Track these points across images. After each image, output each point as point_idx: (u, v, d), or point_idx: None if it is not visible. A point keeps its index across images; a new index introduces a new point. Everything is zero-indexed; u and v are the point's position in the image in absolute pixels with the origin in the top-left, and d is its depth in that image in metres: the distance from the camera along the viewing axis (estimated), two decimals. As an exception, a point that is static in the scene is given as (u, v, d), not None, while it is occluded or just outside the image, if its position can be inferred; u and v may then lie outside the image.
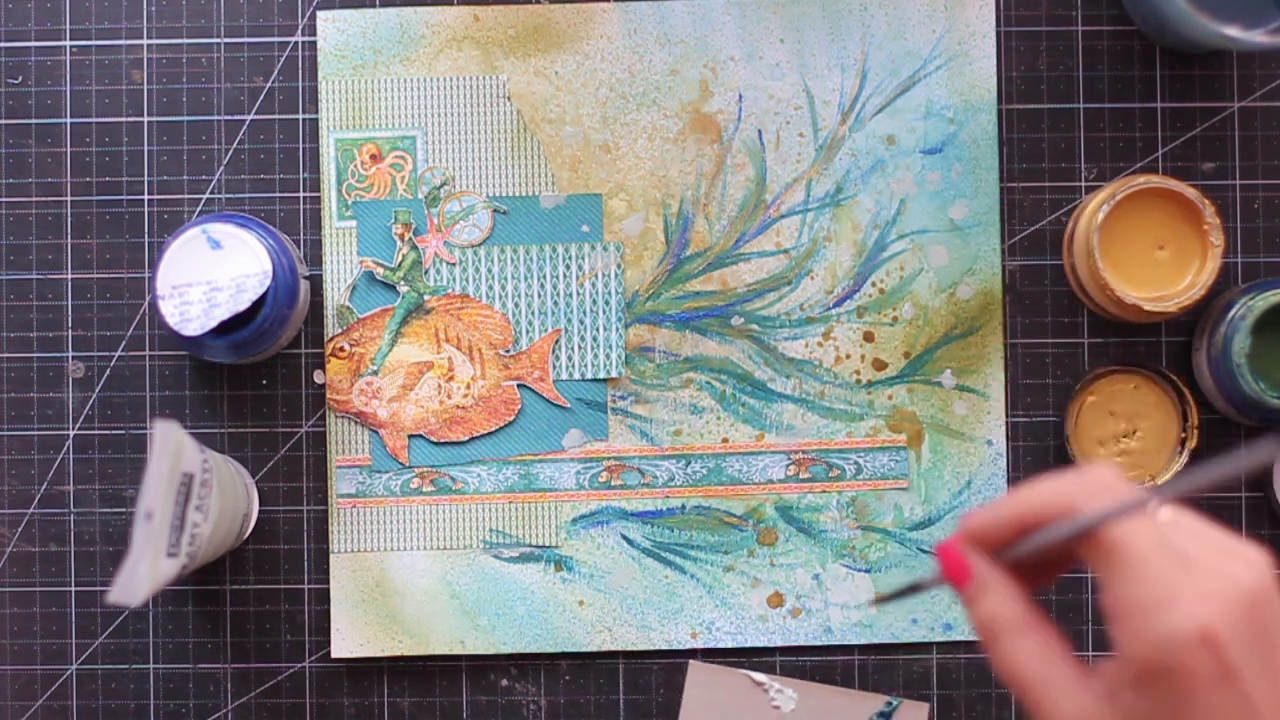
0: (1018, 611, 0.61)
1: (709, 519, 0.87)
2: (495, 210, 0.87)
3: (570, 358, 0.87)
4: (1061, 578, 0.86)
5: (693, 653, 0.87)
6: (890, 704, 0.85)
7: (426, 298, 0.87)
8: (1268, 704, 0.60)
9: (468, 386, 0.87)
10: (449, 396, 0.87)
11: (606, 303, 0.87)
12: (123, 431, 0.87)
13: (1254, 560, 0.62)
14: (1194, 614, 0.59)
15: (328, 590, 0.87)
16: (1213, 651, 0.59)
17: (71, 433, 0.87)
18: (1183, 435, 0.86)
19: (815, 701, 0.85)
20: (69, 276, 0.87)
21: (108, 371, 0.87)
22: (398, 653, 0.87)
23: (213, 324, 0.80)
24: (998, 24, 0.88)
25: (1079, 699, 0.61)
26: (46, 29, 0.88)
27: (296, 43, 0.88)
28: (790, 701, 0.85)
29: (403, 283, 0.87)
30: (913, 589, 0.67)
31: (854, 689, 0.86)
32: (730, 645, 0.87)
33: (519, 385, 0.87)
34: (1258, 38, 0.79)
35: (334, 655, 0.87)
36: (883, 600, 0.85)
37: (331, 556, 0.87)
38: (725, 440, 0.87)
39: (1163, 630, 0.60)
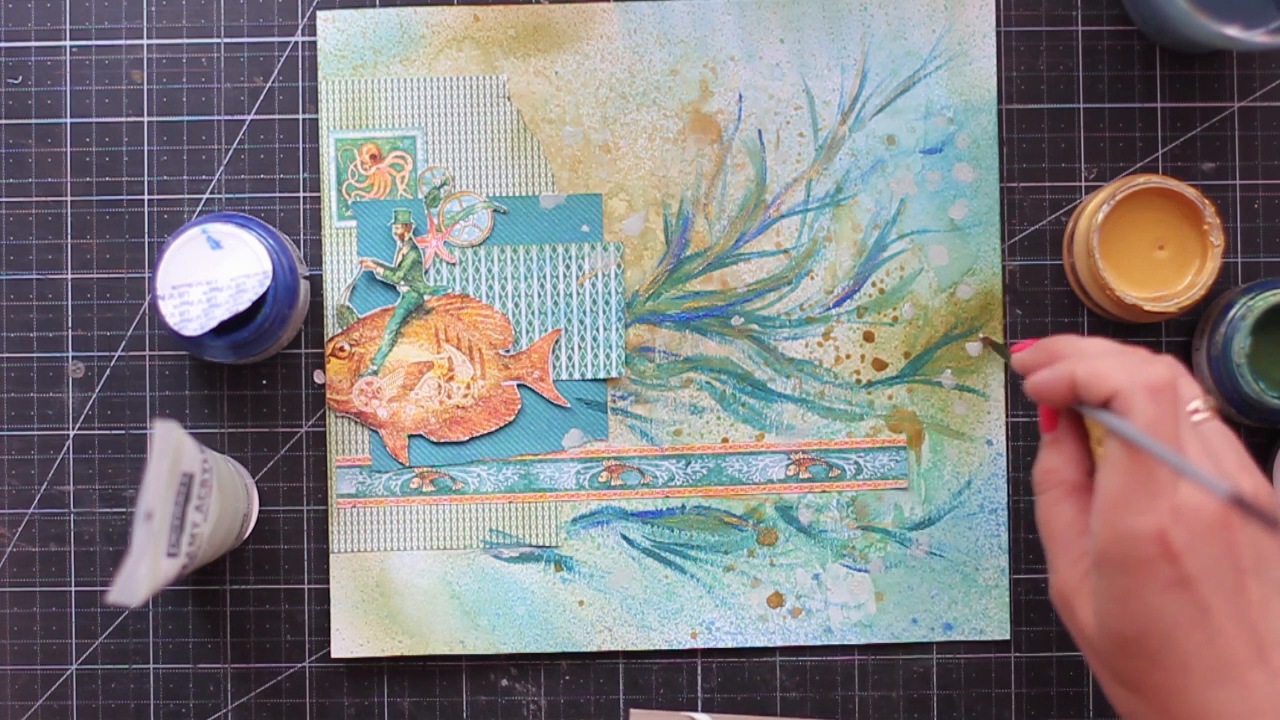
0: (1073, 476, 0.68)
1: (709, 519, 0.87)
2: (495, 210, 0.87)
3: (570, 358, 0.87)
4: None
5: (693, 653, 0.87)
6: None
7: (426, 298, 0.87)
8: (1228, 619, 0.62)
9: (468, 386, 0.87)
10: (449, 396, 0.87)
11: (606, 303, 0.87)
12: (123, 431, 0.87)
13: (1249, 488, 0.64)
14: (1159, 520, 0.63)
15: (328, 590, 0.87)
16: (1168, 558, 0.62)
17: (71, 433, 0.87)
18: (1183, 435, 0.86)
19: None
20: (69, 276, 0.87)
21: (108, 371, 0.87)
22: (398, 653, 0.87)
23: (213, 324, 0.80)
24: (998, 24, 0.88)
25: (1070, 569, 0.67)
26: (46, 29, 0.88)
27: (296, 43, 0.88)
28: None
29: (403, 283, 0.87)
30: (1004, 355, 0.83)
31: (780, 716, 0.87)
32: (730, 645, 0.87)
33: (519, 385, 0.87)
34: (1258, 38, 0.79)
35: (334, 655, 0.87)
36: (990, 344, 0.86)
37: (331, 556, 0.87)
38: (725, 440, 0.87)
39: (1126, 525, 0.63)
